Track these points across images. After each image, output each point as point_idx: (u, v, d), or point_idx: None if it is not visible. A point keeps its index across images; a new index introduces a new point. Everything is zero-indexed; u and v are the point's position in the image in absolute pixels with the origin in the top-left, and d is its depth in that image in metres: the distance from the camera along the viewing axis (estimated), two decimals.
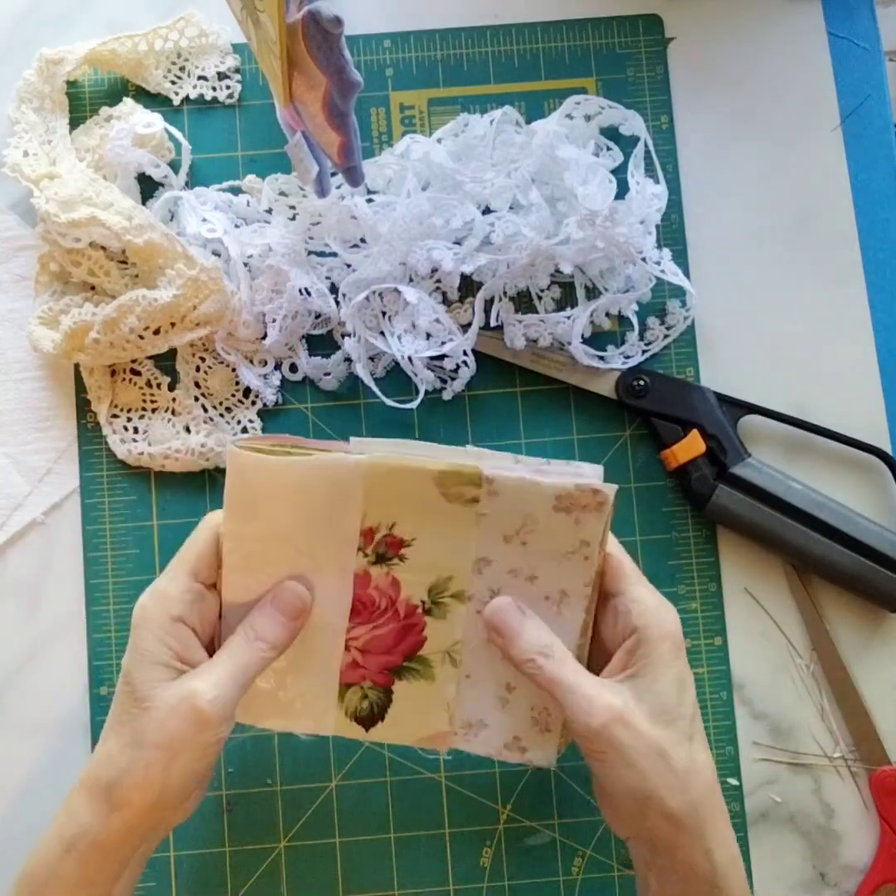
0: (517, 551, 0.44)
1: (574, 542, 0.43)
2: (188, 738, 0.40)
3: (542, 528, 0.43)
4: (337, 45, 0.42)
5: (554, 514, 0.43)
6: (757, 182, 0.56)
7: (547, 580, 0.44)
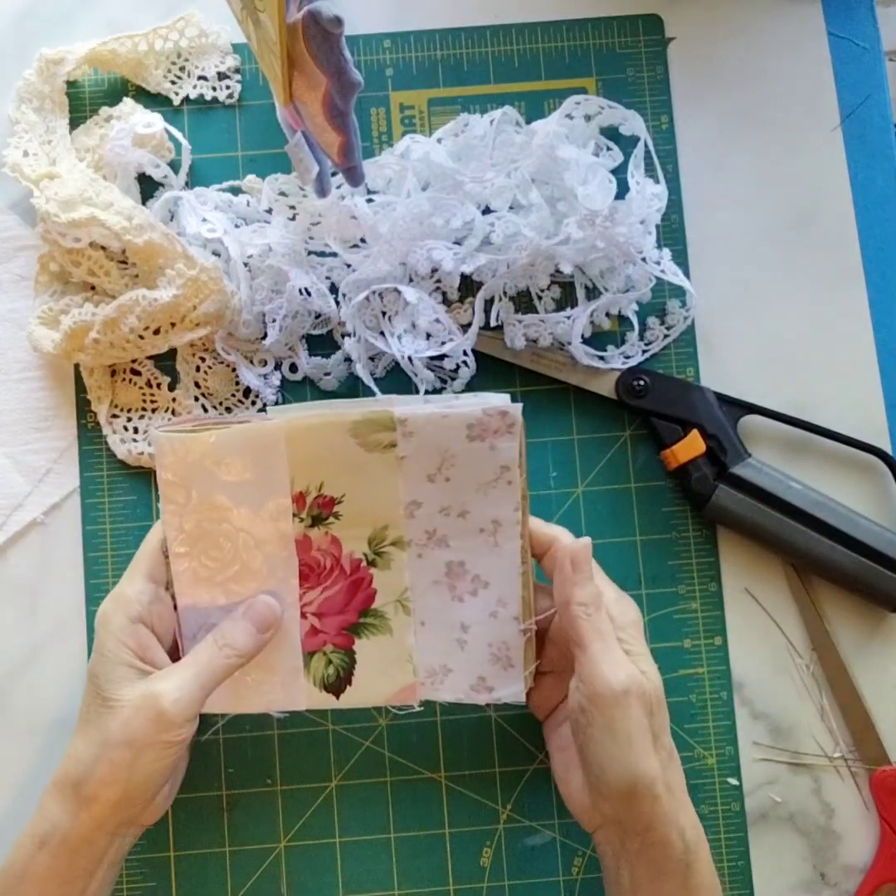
0: (443, 489, 0.45)
1: (494, 469, 0.45)
2: (151, 737, 0.42)
3: (461, 461, 0.45)
4: (337, 45, 0.42)
5: (469, 445, 0.44)
6: (757, 182, 0.56)
7: (477, 513, 0.45)
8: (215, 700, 0.45)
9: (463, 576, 0.46)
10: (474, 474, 0.45)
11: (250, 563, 0.45)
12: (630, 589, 0.53)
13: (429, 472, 0.45)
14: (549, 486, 0.54)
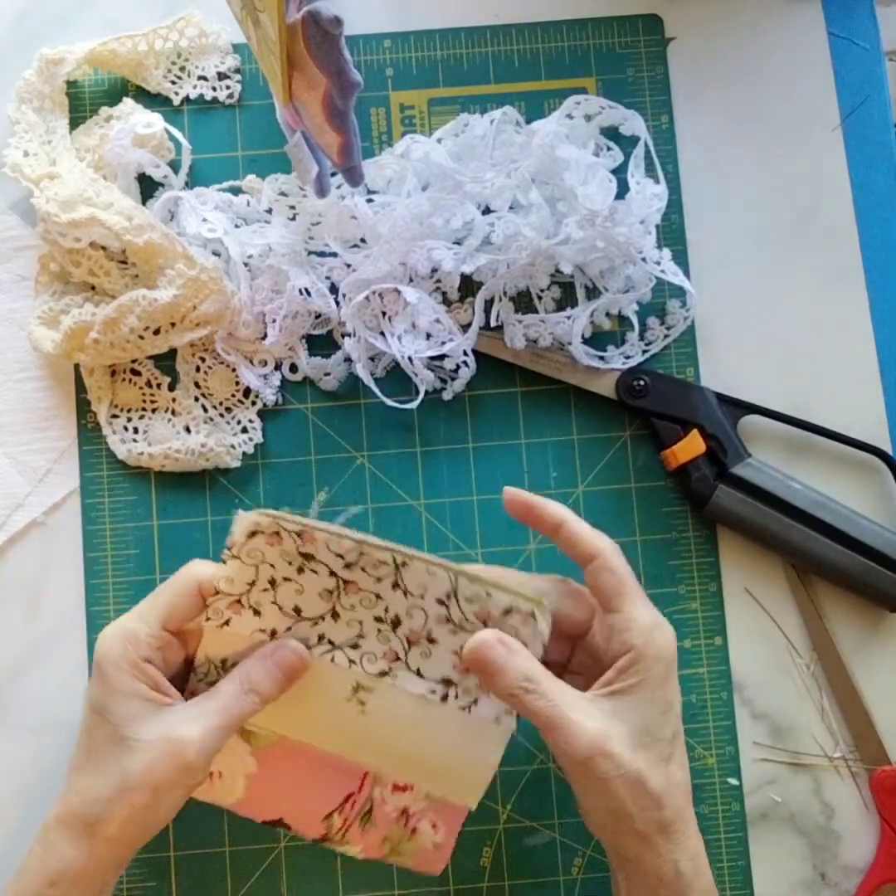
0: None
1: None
2: (173, 783, 0.42)
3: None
4: (337, 45, 0.42)
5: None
6: (757, 182, 0.56)
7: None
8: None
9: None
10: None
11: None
12: None
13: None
14: (549, 486, 0.54)
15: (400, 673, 0.45)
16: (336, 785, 0.47)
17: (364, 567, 0.44)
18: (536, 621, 0.43)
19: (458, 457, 0.54)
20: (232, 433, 0.53)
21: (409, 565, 0.44)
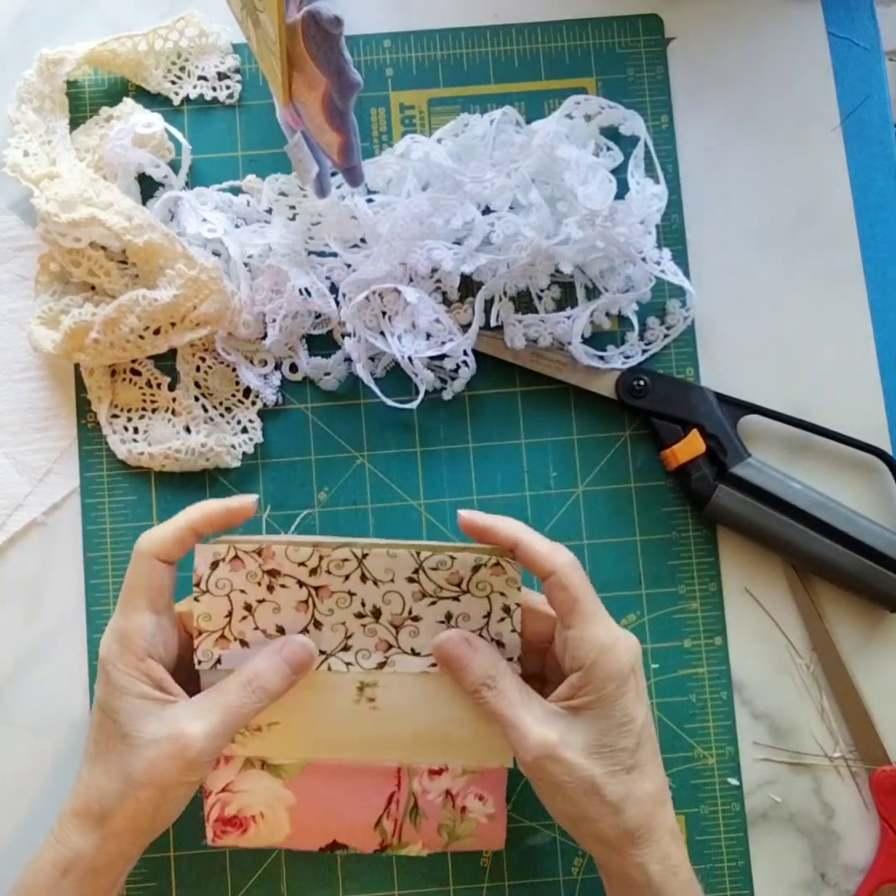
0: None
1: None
2: (177, 780, 0.42)
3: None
4: (337, 45, 0.42)
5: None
6: (757, 182, 0.56)
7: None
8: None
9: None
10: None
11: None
12: (630, 589, 0.53)
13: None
14: (549, 486, 0.54)
15: (397, 658, 0.46)
16: (375, 790, 0.47)
17: (329, 569, 0.45)
18: (506, 570, 0.45)
19: (458, 457, 0.54)
20: (232, 433, 0.53)
21: (371, 554, 0.45)
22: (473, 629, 0.45)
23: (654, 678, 0.53)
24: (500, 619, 0.45)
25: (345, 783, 0.47)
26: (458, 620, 0.45)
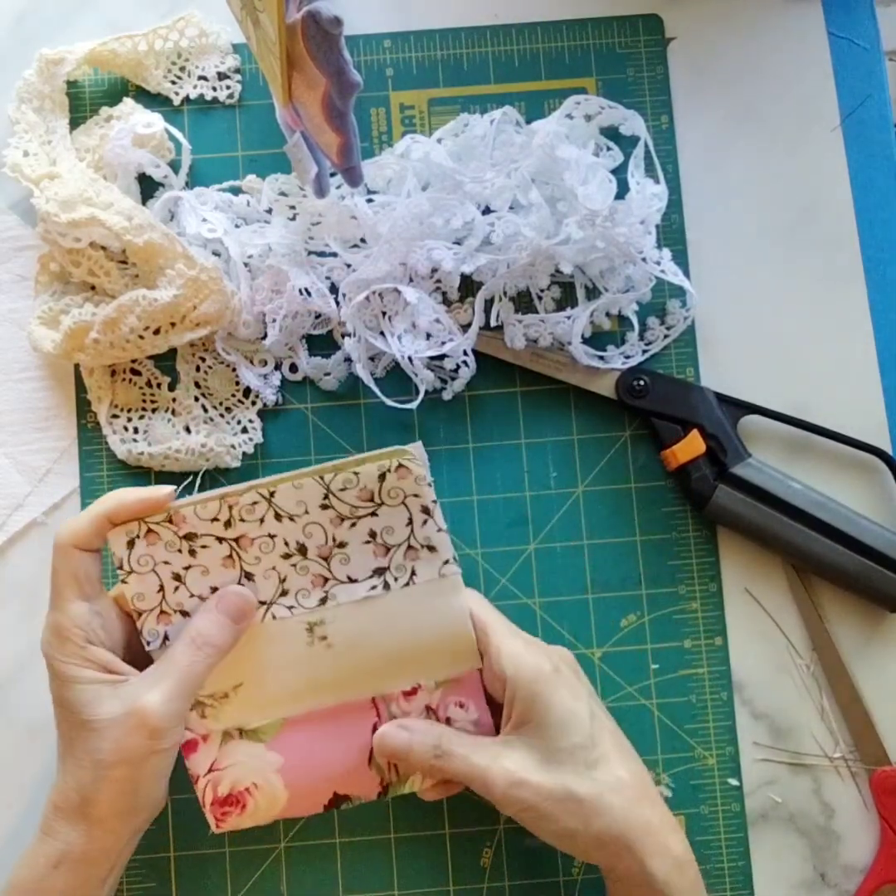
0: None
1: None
2: (145, 750, 0.42)
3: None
4: (337, 46, 0.42)
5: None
6: (757, 182, 0.56)
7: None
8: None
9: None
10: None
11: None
12: (630, 589, 0.53)
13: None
14: (549, 487, 0.54)
15: (336, 590, 0.46)
16: (357, 727, 0.46)
17: (242, 517, 0.45)
18: (411, 470, 0.45)
19: (458, 457, 0.54)
20: (232, 433, 0.53)
21: (278, 491, 0.45)
22: (401, 541, 0.45)
23: (654, 678, 0.53)
24: (422, 522, 0.45)
25: (326, 728, 0.46)
26: (383, 536, 0.45)
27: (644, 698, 0.52)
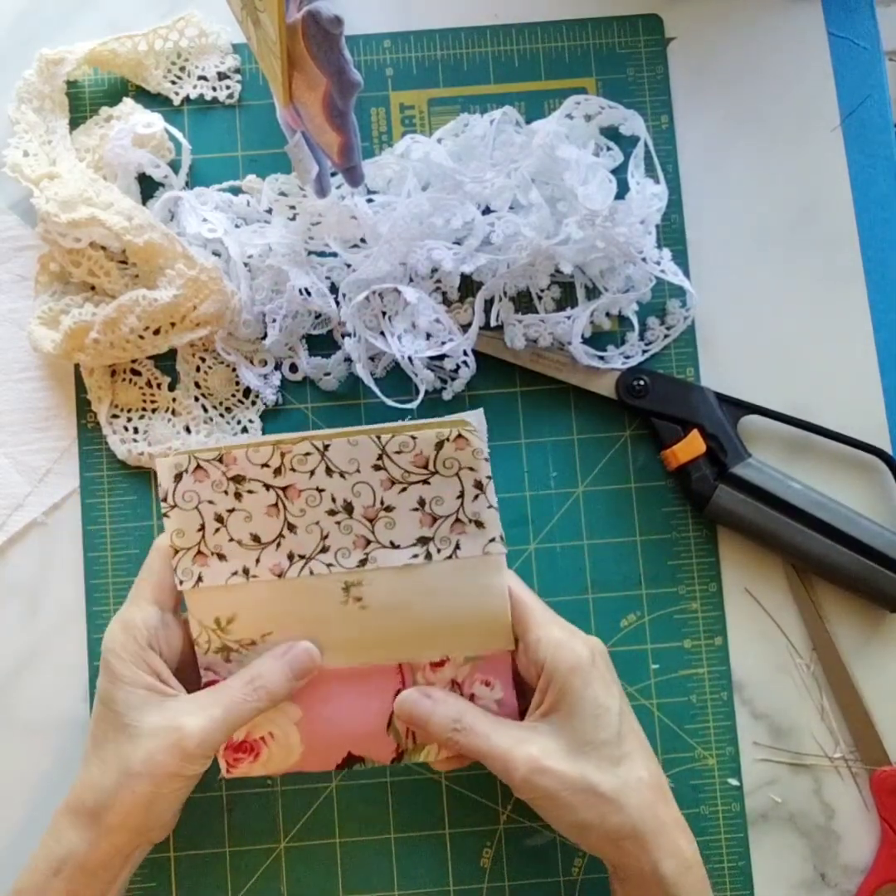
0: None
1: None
2: (172, 771, 0.42)
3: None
4: (337, 45, 0.42)
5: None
6: (757, 182, 0.56)
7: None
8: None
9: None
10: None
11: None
12: (630, 589, 0.53)
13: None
14: (549, 487, 0.54)
15: (377, 554, 0.45)
16: (381, 690, 0.46)
17: (293, 467, 0.44)
18: (470, 441, 0.44)
19: None
20: (232, 433, 0.53)
21: (332, 445, 0.44)
22: (450, 513, 0.45)
23: (654, 678, 0.53)
24: (474, 496, 0.45)
25: (349, 688, 0.46)
26: (432, 505, 0.45)
27: (644, 698, 0.52)
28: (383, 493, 0.45)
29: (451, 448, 0.44)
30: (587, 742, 0.42)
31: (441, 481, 0.45)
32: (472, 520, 0.45)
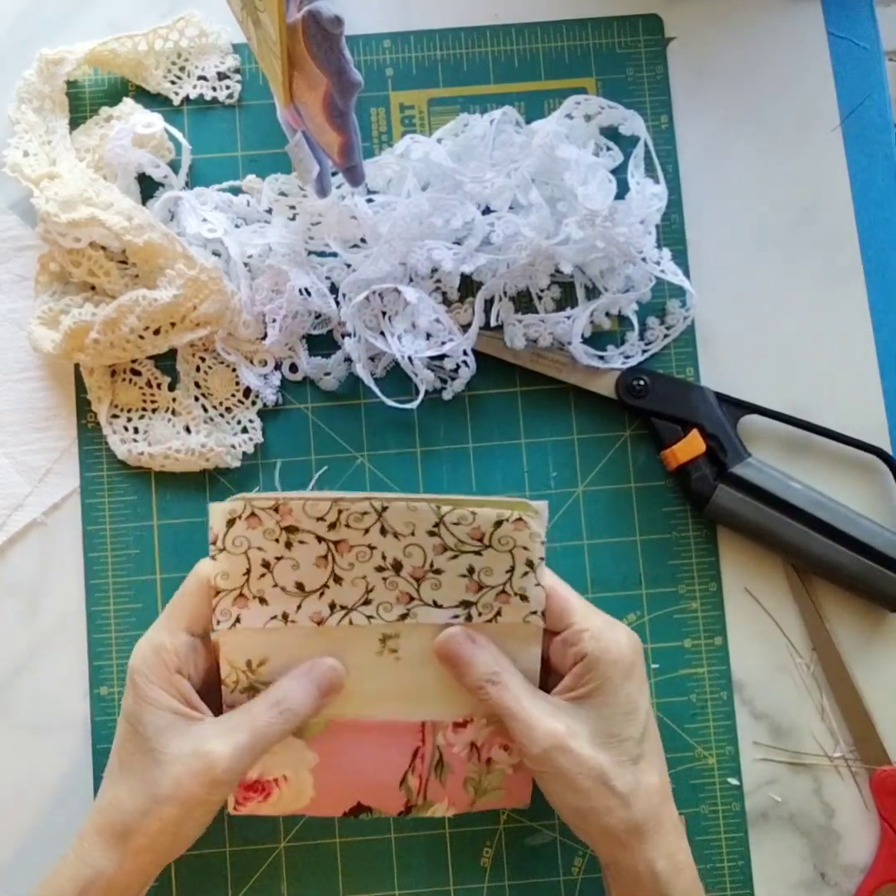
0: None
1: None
2: (201, 798, 0.42)
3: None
4: (337, 45, 0.42)
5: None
6: (757, 182, 0.56)
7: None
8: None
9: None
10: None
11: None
12: (630, 589, 0.53)
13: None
14: (549, 487, 0.54)
15: (419, 610, 0.45)
16: (400, 746, 0.46)
17: (348, 523, 0.44)
18: (529, 525, 0.44)
19: (458, 457, 0.54)
20: (232, 433, 0.53)
21: (390, 508, 0.44)
22: (496, 584, 0.45)
23: (655, 678, 0.53)
24: (523, 573, 0.44)
25: (370, 740, 0.46)
26: (480, 575, 0.45)
27: None
28: (434, 557, 0.45)
29: (509, 528, 0.44)
30: (613, 735, 0.42)
31: (493, 555, 0.45)
32: (517, 593, 0.45)
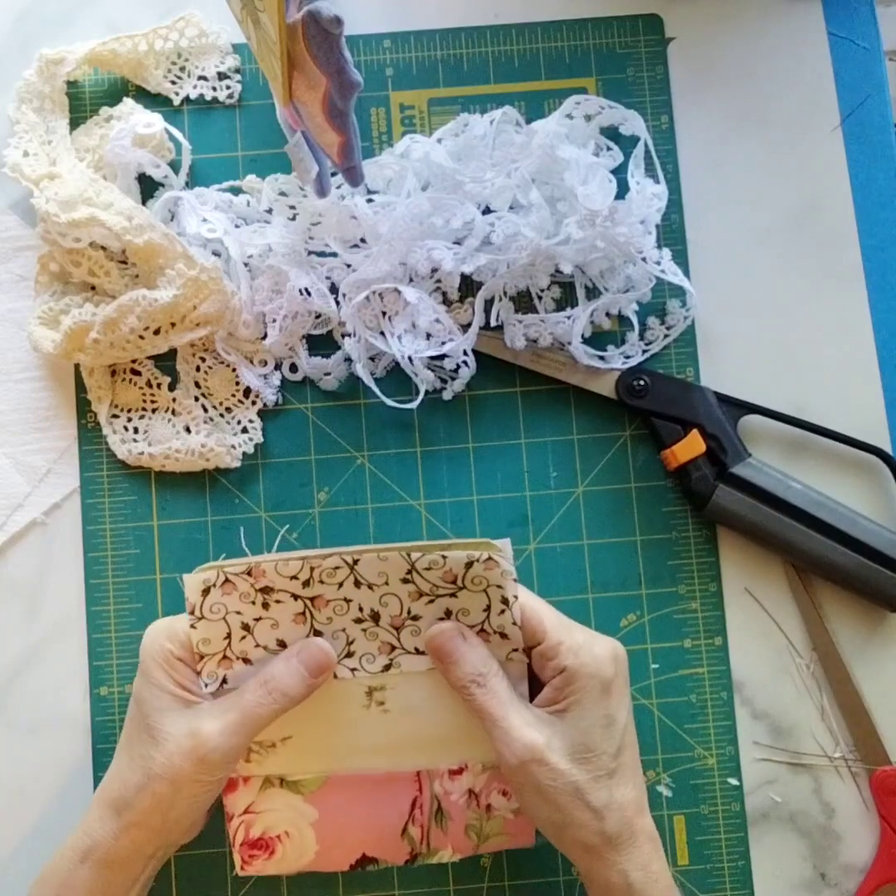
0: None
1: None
2: (191, 776, 0.42)
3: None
4: (337, 45, 0.42)
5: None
6: (757, 182, 0.56)
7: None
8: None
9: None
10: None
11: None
12: (630, 589, 0.53)
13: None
14: (549, 487, 0.54)
15: (402, 659, 0.46)
16: (397, 797, 0.47)
17: (321, 579, 0.45)
18: (498, 563, 0.44)
19: (458, 457, 0.54)
20: (232, 433, 0.53)
21: (361, 560, 0.44)
22: (474, 624, 0.45)
23: (654, 678, 0.53)
24: (500, 611, 0.45)
25: (366, 793, 0.46)
26: (458, 616, 0.45)
27: (644, 698, 0.52)
28: (411, 604, 0.45)
29: (480, 568, 0.44)
30: (590, 749, 0.42)
31: (468, 595, 0.45)
32: (496, 631, 0.45)
